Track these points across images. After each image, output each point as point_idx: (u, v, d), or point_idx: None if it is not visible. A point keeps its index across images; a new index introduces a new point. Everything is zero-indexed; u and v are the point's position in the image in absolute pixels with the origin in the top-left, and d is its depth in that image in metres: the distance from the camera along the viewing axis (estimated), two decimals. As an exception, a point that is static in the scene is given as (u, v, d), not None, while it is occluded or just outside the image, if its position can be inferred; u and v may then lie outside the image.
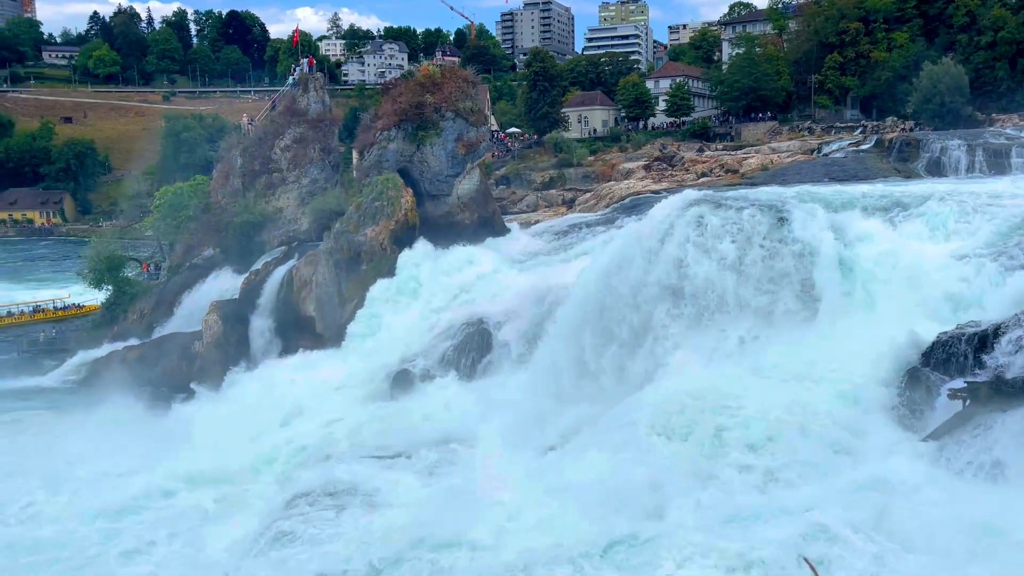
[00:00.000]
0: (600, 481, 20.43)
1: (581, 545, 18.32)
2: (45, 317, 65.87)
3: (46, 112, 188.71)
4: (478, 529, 19.98)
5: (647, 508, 19.32)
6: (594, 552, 18.14)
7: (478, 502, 21.63)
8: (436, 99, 45.86)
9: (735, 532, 17.60)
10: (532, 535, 19.46)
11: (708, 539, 17.50)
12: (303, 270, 41.60)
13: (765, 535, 17.27)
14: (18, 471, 31.00)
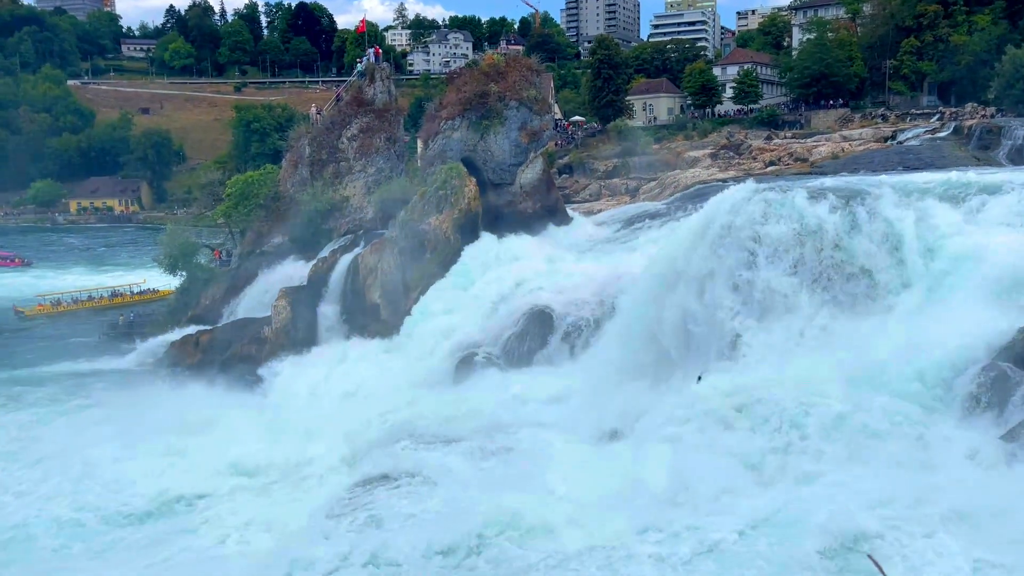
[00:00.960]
0: (662, 471, 20.35)
1: (642, 536, 18.29)
2: (122, 301, 68.52)
3: (125, 103, 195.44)
4: (538, 517, 20.08)
5: (708, 500, 19.18)
6: (653, 543, 18.09)
7: (539, 489, 21.74)
8: (500, 88, 45.99)
9: (795, 531, 17.31)
10: (592, 524, 19.49)
11: (770, 534, 17.29)
12: (368, 258, 42.27)
13: (833, 530, 16.98)
14: (102, 443, 32.72)
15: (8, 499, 28.29)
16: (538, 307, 36.07)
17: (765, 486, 19.71)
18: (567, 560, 18.19)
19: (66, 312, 66.60)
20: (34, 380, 45.69)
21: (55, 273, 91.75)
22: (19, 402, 40.39)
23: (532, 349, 34.62)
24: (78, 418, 37.17)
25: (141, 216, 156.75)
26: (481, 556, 18.79)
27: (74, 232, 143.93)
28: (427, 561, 18.63)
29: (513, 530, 19.56)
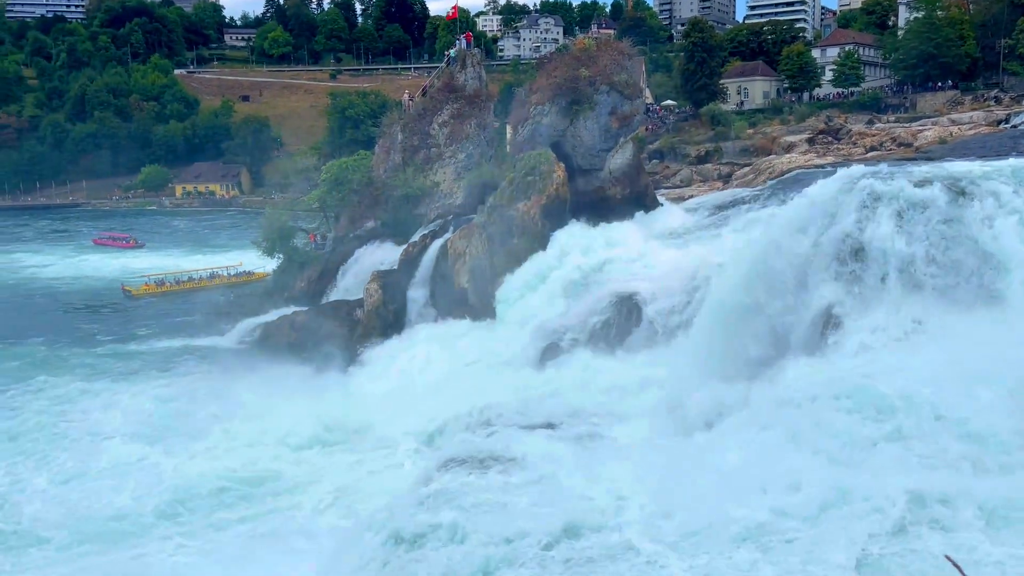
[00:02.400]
0: (750, 465, 19.93)
1: (723, 530, 17.99)
2: (220, 282, 71.68)
3: (227, 91, 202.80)
4: (621, 508, 19.99)
5: (796, 496, 18.69)
6: (737, 538, 17.77)
7: (623, 479, 21.64)
8: (591, 73, 45.61)
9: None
10: (676, 517, 19.29)
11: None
12: (457, 243, 42.75)
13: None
14: (203, 416, 34.75)
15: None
16: (625, 294, 35.78)
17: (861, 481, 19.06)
18: (650, 556, 18.04)
19: (169, 292, 70.02)
20: (144, 355, 48.38)
21: (162, 254, 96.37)
22: (135, 375, 43.15)
23: (618, 336, 34.40)
24: (179, 392, 39.27)
25: (241, 200, 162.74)
26: (563, 544, 18.84)
27: (179, 215, 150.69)
28: (511, 545, 18.80)
29: (597, 519, 19.54)
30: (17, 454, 32.22)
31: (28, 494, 28.57)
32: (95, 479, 29.53)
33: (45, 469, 30.79)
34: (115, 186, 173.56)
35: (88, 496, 28.18)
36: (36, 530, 26.05)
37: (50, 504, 27.73)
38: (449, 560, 18.34)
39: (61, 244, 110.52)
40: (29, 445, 33.21)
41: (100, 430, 34.51)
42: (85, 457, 31.47)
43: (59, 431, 34.62)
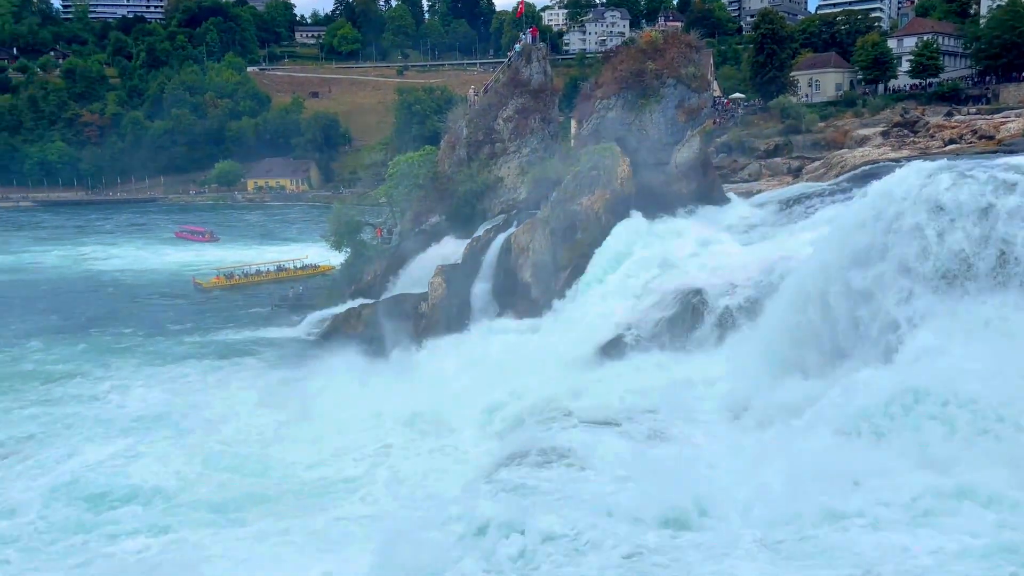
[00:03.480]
0: (820, 462, 19.50)
1: (793, 526, 17.67)
2: (287, 275, 73.47)
3: (297, 88, 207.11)
4: (687, 504, 19.78)
5: (877, 495, 18.22)
6: (809, 535, 17.42)
7: (690, 476, 21.41)
8: (657, 66, 45.10)
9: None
10: (742, 514, 19.01)
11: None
12: (521, 237, 42.82)
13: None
14: (268, 405, 35.89)
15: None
16: (691, 289, 35.33)
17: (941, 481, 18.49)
18: (724, 554, 17.80)
19: (238, 284, 71.99)
20: (218, 346, 49.95)
21: (234, 247, 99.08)
22: (204, 363, 44.77)
23: (683, 332, 33.98)
24: (247, 382, 40.48)
25: (310, 195, 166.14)
26: (626, 540, 18.74)
27: (251, 209, 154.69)
28: (573, 540, 18.80)
29: (662, 514, 19.38)
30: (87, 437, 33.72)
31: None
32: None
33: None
34: (191, 181, 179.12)
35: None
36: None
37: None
38: (510, 552, 18.44)
39: (138, 237, 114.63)
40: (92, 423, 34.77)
41: (166, 415, 35.92)
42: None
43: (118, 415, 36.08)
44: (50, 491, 28.17)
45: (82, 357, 47.41)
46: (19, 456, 32.35)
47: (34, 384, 42.34)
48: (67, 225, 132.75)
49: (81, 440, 33.53)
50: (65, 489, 28.37)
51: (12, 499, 28.05)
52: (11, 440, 34.44)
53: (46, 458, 31.61)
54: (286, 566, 21.30)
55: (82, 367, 45.16)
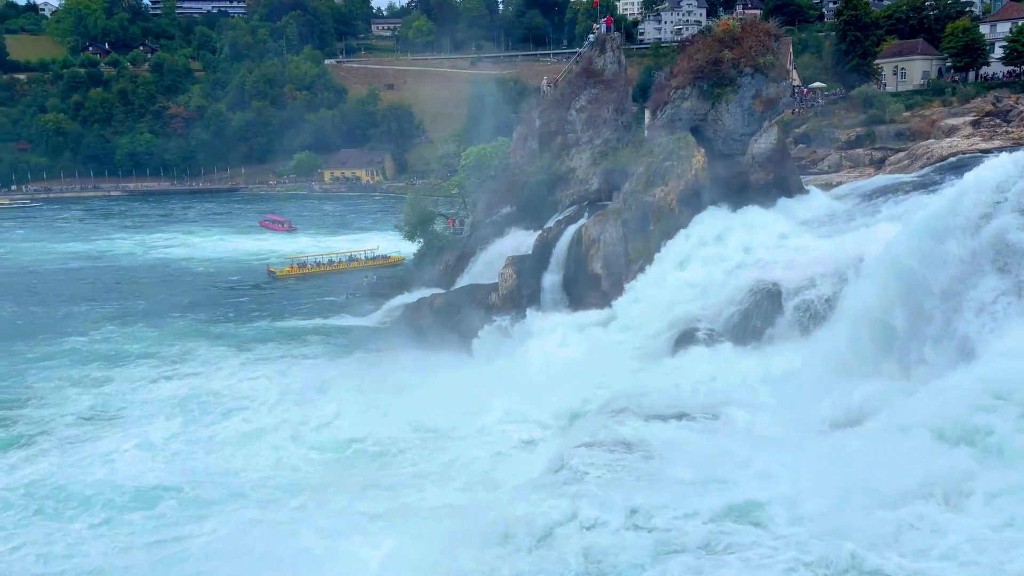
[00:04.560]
0: (893, 464, 18.93)
1: (865, 529, 17.21)
2: (357, 265, 74.96)
3: (373, 79, 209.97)
4: (753, 503, 19.50)
5: (945, 498, 17.62)
6: (880, 539, 16.95)
7: (758, 474, 21.08)
8: (734, 55, 44.15)
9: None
10: (810, 515, 18.62)
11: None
12: (592, 229, 42.62)
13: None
14: (342, 388, 36.69)
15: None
16: (766, 284, 34.61)
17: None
18: (778, 555, 17.49)
19: (310, 273, 73.85)
20: (298, 331, 51.41)
21: (310, 237, 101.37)
22: (297, 351, 46.26)
23: (757, 327, 33.34)
24: (323, 366, 41.40)
25: (384, 186, 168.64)
26: (691, 532, 18.59)
27: (328, 199, 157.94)
28: (639, 533, 18.75)
29: (730, 514, 19.16)
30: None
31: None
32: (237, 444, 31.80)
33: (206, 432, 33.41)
34: (270, 171, 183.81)
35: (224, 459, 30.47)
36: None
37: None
38: (574, 544, 18.49)
39: (218, 226, 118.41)
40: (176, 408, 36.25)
41: (246, 397, 37.06)
42: (236, 423, 33.97)
43: (207, 399, 37.42)
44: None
45: (160, 341, 49.55)
46: (117, 430, 34.06)
47: (126, 364, 44.38)
48: (152, 214, 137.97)
49: (157, 418, 35.15)
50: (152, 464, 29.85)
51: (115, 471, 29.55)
52: (103, 416, 36.29)
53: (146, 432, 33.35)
54: (359, 541, 21.85)
55: (166, 350, 47.11)
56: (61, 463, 30.83)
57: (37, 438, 33.98)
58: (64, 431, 34.57)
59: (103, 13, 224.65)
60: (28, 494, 28.26)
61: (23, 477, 29.74)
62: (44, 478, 29.36)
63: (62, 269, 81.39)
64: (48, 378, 42.21)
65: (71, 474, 29.59)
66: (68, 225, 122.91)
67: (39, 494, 28.19)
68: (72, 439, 33.57)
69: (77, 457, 31.37)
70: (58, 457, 31.54)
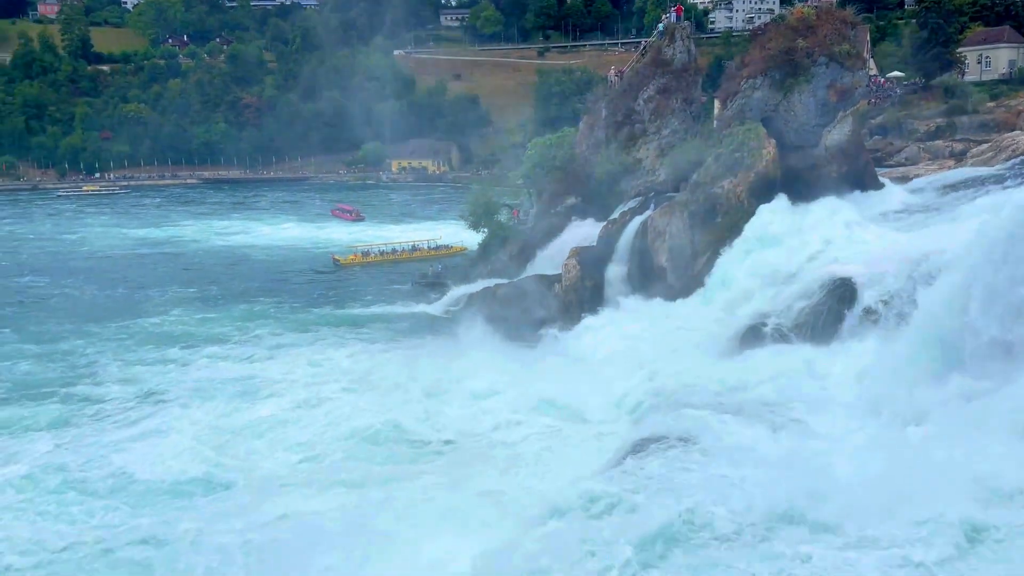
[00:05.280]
0: (973, 466, 18.25)
1: (942, 532, 16.65)
2: (420, 255, 75.64)
3: (440, 70, 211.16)
4: (822, 501, 19.06)
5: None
6: (959, 543, 16.38)
7: (825, 473, 20.59)
8: (809, 43, 42.99)
9: None
10: (883, 517, 18.09)
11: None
12: (658, 220, 42.15)
13: None
14: (404, 375, 37.23)
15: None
16: (838, 279, 33.67)
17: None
18: (844, 556, 17.04)
19: (373, 262, 74.86)
20: (364, 319, 52.30)
21: (376, 226, 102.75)
22: (363, 337, 47.09)
23: (828, 323, 32.47)
24: (388, 353, 42.02)
25: (450, 176, 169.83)
26: (750, 529, 18.29)
27: (395, 189, 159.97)
28: (696, 527, 18.53)
29: (792, 506, 18.77)
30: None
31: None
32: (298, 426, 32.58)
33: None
34: (339, 161, 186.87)
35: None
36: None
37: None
38: (629, 536, 18.37)
39: (288, 213, 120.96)
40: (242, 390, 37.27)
41: (309, 383, 37.97)
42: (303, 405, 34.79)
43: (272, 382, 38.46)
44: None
45: (226, 324, 51.04)
46: (191, 408, 35.25)
47: (194, 346, 45.88)
48: (225, 201, 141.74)
49: (225, 398, 36.21)
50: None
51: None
52: (162, 395, 37.68)
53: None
54: (415, 535, 22.10)
55: (231, 333, 48.65)
56: (116, 440, 31.98)
57: (89, 415, 35.28)
58: (120, 411, 35.71)
59: (182, 6, 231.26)
60: (83, 474, 29.06)
61: (67, 453, 30.76)
62: (92, 460, 30.04)
63: (138, 254, 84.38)
64: (114, 357, 43.80)
65: (127, 457, 30.34)
66: (146, 211, 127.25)
67: (92, 476, 28.98)
68: (129, 419, 34.68)
69: (130, 435, 32.53)
70: (112, 434, 32.74)
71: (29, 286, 66.77)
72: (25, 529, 25.15)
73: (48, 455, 30.56)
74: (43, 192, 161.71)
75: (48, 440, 32.22)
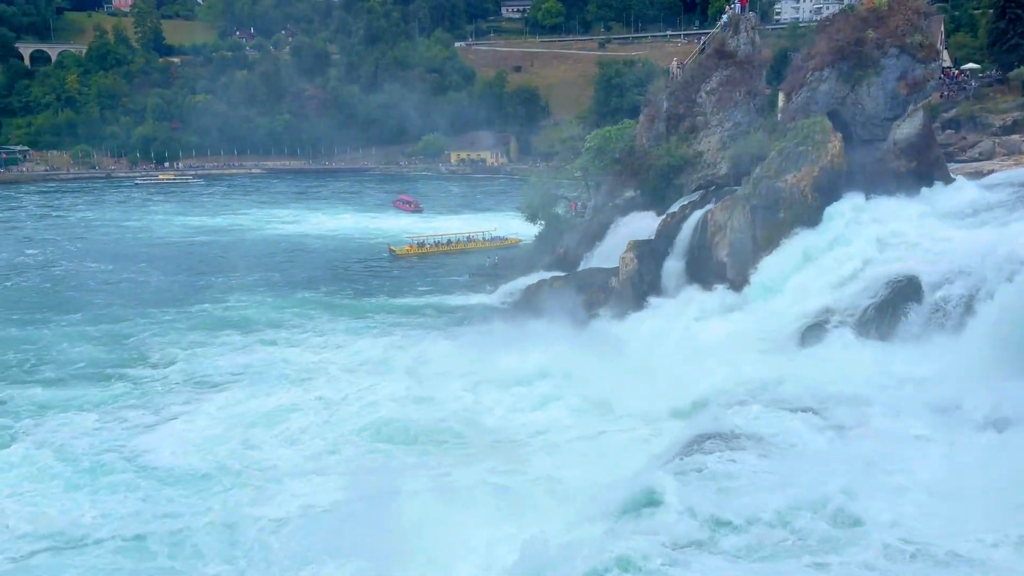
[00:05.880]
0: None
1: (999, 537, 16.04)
2: (475, 246, 75.91)
3: (500, 62, 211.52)
4: (879, 504, 18.55)
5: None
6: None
7: (890, 474, 20.04)
8: (879, 34, 41.74)
9: None
10: (952, 522, 17.52)
11: None
12: (718, 215, 41.51)
13: None
14: (459, 366, 37.77)
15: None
16: (905, 277, 32.72)
17: None
18: (907, 559, 16.53)
19: (428, 253, 75.35)
20: (419, 308, 52.87)
21: (434, 217, 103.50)
22: (417, 326, 47.91)
23: (895, 322, 31.59)
24: (446, 343, 42.54)
25: (508, 168, 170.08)
26: (803, 532, 17.90)
27: (453, 181, 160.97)
28: (745, 526, 18.24)
29: (854, 516, 18.30)
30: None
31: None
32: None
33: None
34: (399, 153, 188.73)
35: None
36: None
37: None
38: (673, 535, 18.17)
39: (348, 204, 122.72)
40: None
41: (370, 369, 38.46)
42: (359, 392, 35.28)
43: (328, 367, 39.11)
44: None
45: (283, 310, 52.19)
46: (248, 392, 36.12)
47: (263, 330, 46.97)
48: (288, 191, 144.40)
49: (274, 383, 37.13)
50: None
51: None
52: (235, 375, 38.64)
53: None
54: (465, 519, 22.23)
55: (287, 319, 49.81)
56: (154, 422, 33.03)
57: (136, 396, 36.51)
58: (166, 393, 36.92)
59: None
60: (120, 454, 29.94)
61: (107, 433, 31.90)
62: (149, 449, 30.77)
63: (199, 242, 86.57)
64: (169, 341, 45.11)
65: (166, 439, 31.29)
66: (210, 200, 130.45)
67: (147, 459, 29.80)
68: (176, 401, 35.77)
69: (173, 415, 33.65)
70: (155, 415, 33.86)
71: (98, 272, 69.19)
72: (53, 507, 25.99)
73: (88, 436, 31.64)
74: (115, 180, 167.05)
75: (93, 419, 33.42)
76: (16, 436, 31.77)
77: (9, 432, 32.23)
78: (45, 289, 62.15)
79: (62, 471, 28.48)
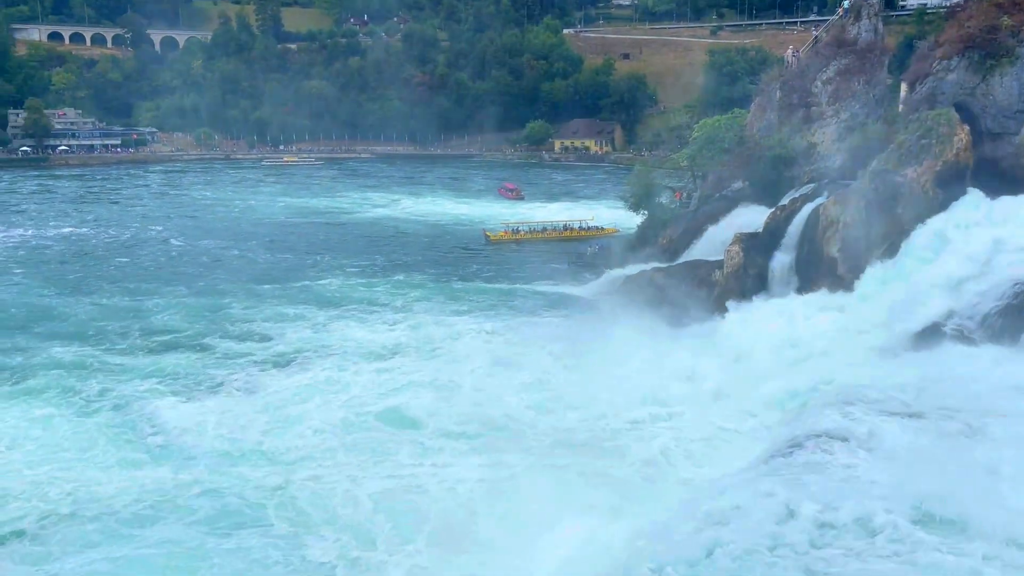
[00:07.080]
0: None
1: None
2: (571, 235, 75.68)
3: (608, 49, 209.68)
4: (979, 510, 17.60)
5: None
6: None
7: (987, 480, 18.99)
8: (1015, 21, 39.20)
9: None
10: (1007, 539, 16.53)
11: None
12: (831, 209, 39.99)
13: None
14: (566, 357, 37.59)
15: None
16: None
17: None
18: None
19: (523, 240, 75.61)
20: (516, 294, 53.33)
21: (534, 205, 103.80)
22: (510, 312, 48.40)
23: (1018, 327, 29.72)
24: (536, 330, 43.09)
25: (612, 156, 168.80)
26: (901, 534, 17.16)
27: (557, 168, 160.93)
28: (840, 531, 17.61)
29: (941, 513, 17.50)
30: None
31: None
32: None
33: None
34: (504, 140, 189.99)
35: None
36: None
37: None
38: (763, 536, 17.68)
39: (450, 189, 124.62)
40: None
41: (461, 354, 39.17)
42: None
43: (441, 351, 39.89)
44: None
45: (383, 292, 53.56)
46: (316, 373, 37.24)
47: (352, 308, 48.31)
48: (395, 176, 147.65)
49: (360, 361, 38.23)
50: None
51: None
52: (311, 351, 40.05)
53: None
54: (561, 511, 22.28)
55: (381, 298, 51.26)
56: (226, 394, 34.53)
57: (211, 365, 38.37)
58: (246, 367, 38.34)
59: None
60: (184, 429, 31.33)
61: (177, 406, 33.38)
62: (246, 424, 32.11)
63: (310, 223, 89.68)
64: (264, 317, 46.95)
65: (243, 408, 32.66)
66: (319, 183, 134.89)
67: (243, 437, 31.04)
68: (256, 374, 37.31)
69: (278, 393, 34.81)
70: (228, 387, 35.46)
71: (209, 248, 72.72)
72: (97, 475, 27.31)
73: (156, 407, 33.19)
74: (235, 161, 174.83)
75: (166, 393, 34.95)
76: (91, 401, 33.57)
77: (83, 396, 34.07)
78: (161, 263, 66.01)
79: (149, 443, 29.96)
